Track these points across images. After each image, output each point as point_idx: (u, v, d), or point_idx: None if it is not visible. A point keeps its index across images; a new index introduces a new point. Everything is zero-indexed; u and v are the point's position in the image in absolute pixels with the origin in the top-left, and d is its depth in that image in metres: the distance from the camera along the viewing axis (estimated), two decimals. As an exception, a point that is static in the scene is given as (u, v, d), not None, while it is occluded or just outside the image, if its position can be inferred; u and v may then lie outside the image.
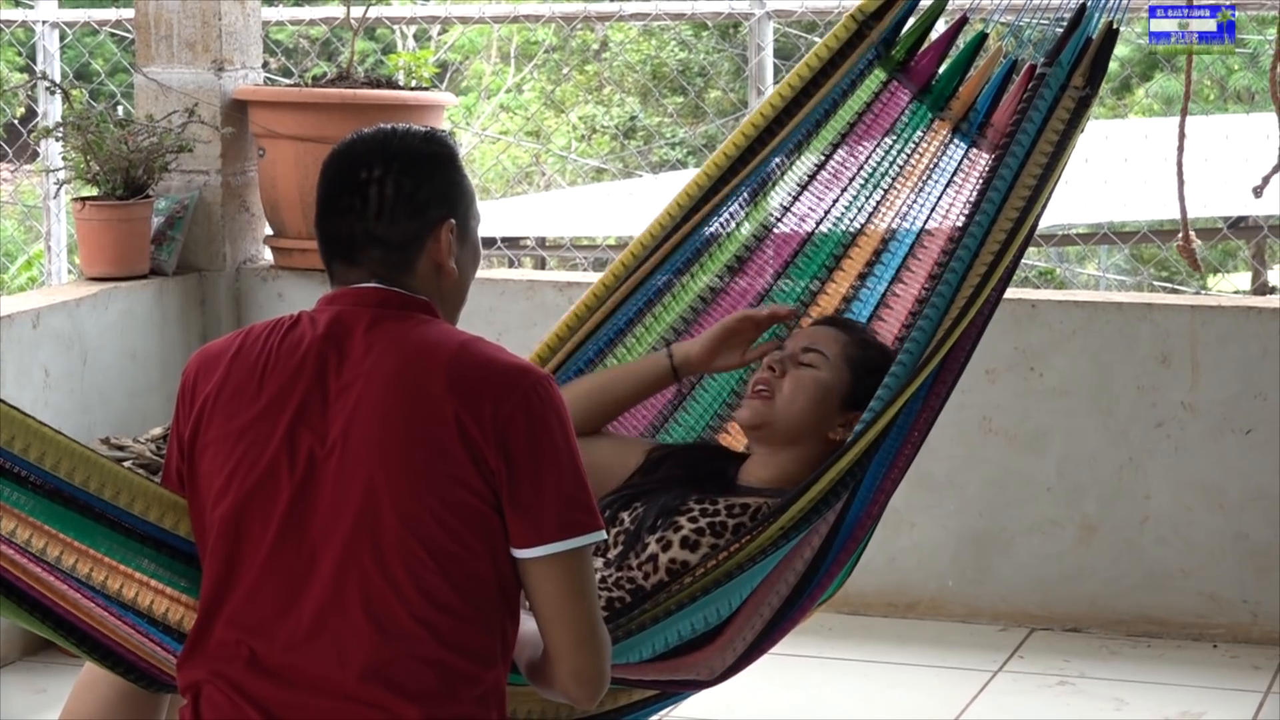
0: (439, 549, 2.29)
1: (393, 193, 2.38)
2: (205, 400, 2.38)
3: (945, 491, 4.76)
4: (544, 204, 9.74)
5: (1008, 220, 2.92)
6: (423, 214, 2.39)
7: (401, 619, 2.28)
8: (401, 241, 2.39)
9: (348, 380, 2.33)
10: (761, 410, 3.00)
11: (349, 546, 2.29)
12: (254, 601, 2.32)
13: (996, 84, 3.16)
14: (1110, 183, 6.36)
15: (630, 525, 2.91)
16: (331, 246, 2.42)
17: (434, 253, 2.41)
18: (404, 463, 2.29)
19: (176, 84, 5.13)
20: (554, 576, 2.31)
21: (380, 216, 2.38)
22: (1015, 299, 4.68)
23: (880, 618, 4.77)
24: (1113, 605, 4.67)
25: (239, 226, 5.24)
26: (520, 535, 2.31)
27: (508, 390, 2.31)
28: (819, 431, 2.99)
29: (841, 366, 3.00)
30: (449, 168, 2.42)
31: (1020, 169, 2.96)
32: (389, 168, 2.38)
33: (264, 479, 2.33)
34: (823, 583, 2.84)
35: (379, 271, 2.39)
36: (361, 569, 2.29)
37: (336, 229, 2.40)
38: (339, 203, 2.40)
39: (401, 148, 2.40)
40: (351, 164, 2.40)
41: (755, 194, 3.25)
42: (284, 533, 2.31)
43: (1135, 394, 4.64)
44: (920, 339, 2.83)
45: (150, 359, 4.94)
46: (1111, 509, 4.67)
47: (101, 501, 2.39)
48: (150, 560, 2.41)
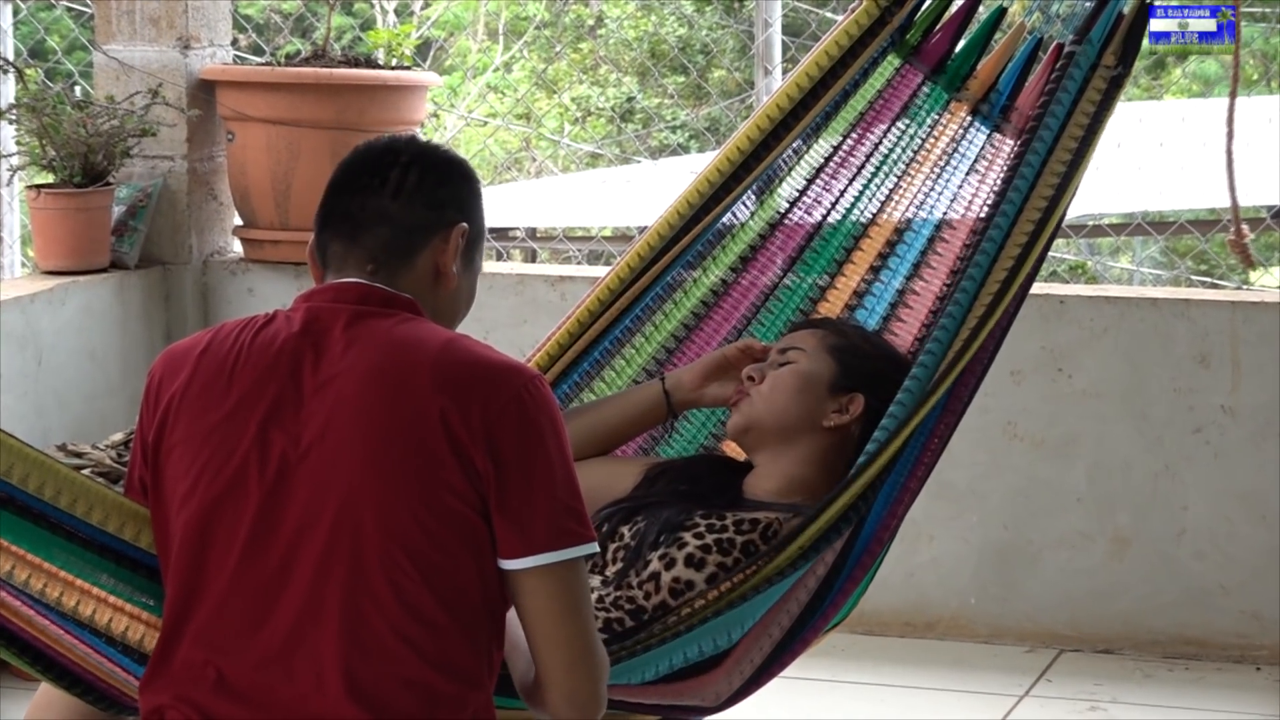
0: (423, 559, 2.29)
1: (415, 180, 2.44)
2: (171, 400, 2.38)
3: (967, 502, 4.76)
4: (535, 192, 9.73)
5: (1035, 210, 2.93)
6: (440, 209, 2.44)
7: (383, 635, 2.28)
8: (411, 226, 2.42)
9: (325, 378, 2.34)
10: (745, 410, 3.01)
11: (325, 556, 2.29)
12: (222, 617, 2.32)
13: (1020, 63, 3.17)
14: (1145, 169, 6.37)
15: (631, 541, 2.92)
16: (335, 223, 2.45)
17: (439, 252, 2.43)
18: (385, 466, 2.30)
19: (139, 63, 5.13)
20: (545, 590, 2.32)
21: (397, 196, 2.43)
22: (1042, 294, 4.69)
23: (897, 638, 4.78)
24: (1148, 625, 4.67)
25: (206, 216, 5.25)
26: (509, 544, 2.32)
27: (497, 390, 2.31)
28: (812, 422, 3.00)
29: (822, 354, 3.02)
30: (474, 184, 2.50)
31: (1048, 155, 2.97)
32: (416, 159, 2.45)
33: (232, 484, 2.33)
34: (835, 602, 2.84)
35: (379, 256, 2.41)
36: (339, 581, 2.29)
37: (346, 205, 2.44)
38: (356, 181, 2.45)
39: (432, 149, 2.49)
40: (379, 152, 2.47)
41: (765, 186, 3.26)
42: (253, 541, 2.32)
43: (1171, 397, 4.65)
44: (943, 338, 2.84)
45: (110, 359, 4.94)
46: (1146, 521, 4.68)
47: (57, 510, 2.39)
48: (109, 575, 2.41)
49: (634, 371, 3.27)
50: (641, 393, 3.14)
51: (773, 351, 3.07)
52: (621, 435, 3.16)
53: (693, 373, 3.11)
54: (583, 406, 3.18)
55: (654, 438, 3.25)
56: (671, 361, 3.27)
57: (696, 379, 3.11)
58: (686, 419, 3.25)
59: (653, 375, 3.23)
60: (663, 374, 3.18)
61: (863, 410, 2.99)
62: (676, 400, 3.12)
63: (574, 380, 3.24)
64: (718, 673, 2.73)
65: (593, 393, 3.26)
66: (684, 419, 3.25)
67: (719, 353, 3.12)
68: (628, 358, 3.27)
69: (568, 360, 3.21)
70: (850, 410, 3.00)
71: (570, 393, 3.24)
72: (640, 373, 3.27)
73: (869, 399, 2.98)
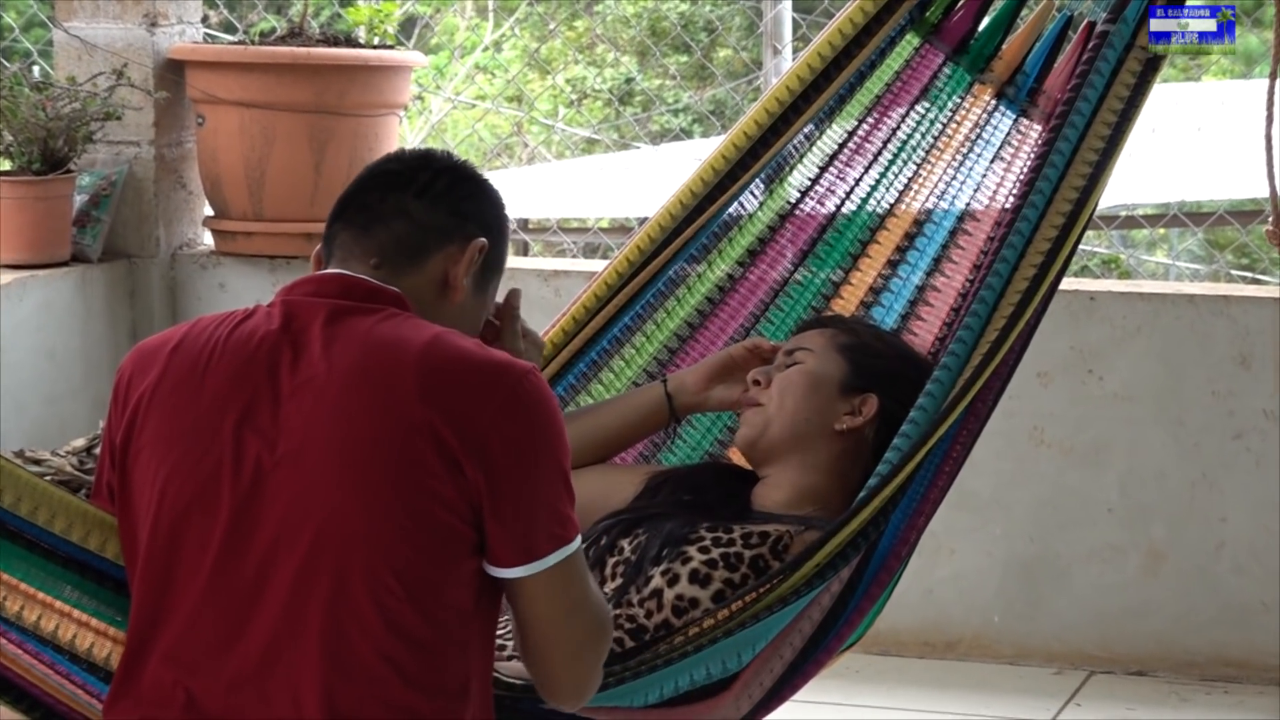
0: (409, 573, 2.30)
1: (445, 186, 2.48)
2: (140, 399, 2.38)
3: (990, 512, 4.76)
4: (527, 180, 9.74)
5: (1065, 202, 2.94)
6: (462, 219, 2.48)
7: (364, 655, 2.29)
8: (429, 226, 2.45)
9: (303, 379, 2.34)
10: (754, 421, 3.01)
11: (304, 570, 2.30)
12: (193, 633, 2.32)
13: (1049, 43, 3.17)
14: (1182, 156, 6.38)
15: (631, 555, 2.91)
16: (350, 213, 2.47)
17: (452, 260, 2.45)
18: (370, 477, 2.30)
19: (102, 41, 5.14)
20: (546, 595, 2.34)
21: (422, 196, 2.47)
22: (1071, 290, 4.70)
23: (915, 659, 4.79)
24: (1184, 644, 4.68)
25: (174, 206, 5.25)
26: (503, 553, 2.33)
27: (489, 389, 2.32)
28: (823, 427, 3.00)
29: (831, 354, 3.03)
30: (501, 206, 2.55)
31: (1079, 142, 2.97)
32: (451, 170, 2.51)
33: (203, 489, 2.33)
34: (850, 621, 2.85)
35: (388, 250, 2.43)
36: (319, 596, 2.29)
37: (365, 197, 2.48)
38: (381, 178, 2.50)
39: (468, 165, 2.54)
40: (409, 160, 2.52)
41: (774, 174, 3.26)
42: (226, 553, 2.32)
43: (1210, 400, 4.65)
44: (967, 339, 2.84)
45: (72, 359, 4.94)
46: (1182, 533, 4.68)
47: (16, 519, 2.39)
48: (73, 587, 2.41)
49: (633, 373, 3.28)
50: (642, 396, 3.14)
51: (780, 353, 3.08)
52: (620, 442, 3.16)
53: (696, 374, 3.12)
54: (578, 411, 3.18)
55: (655, 444, 3.25)
56: (674, 362, 3.27)
57: (701, 381, 3.11)
58: (690, 424, 3.26)
59: (654, 377, 3.23)
60: (664, 376, 3.18)
61: (877, 412, 2.99)
62: (679, 404, 3.12)
63: (569, 383, 3.24)
64: (725, 696, 2.73)
65: (589, 396, 3.26)
66: (688, 424, 3.25)
67: (724, 353, 3.12)
68: (627, 358, 3.27)
69: (561, 361, 3.21)
70: (863, 412, 3.00)
71: (564, 397, 3.24)
72: (640, 374, 3.27)
73: (883, 399, 2.99)
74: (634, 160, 9.03)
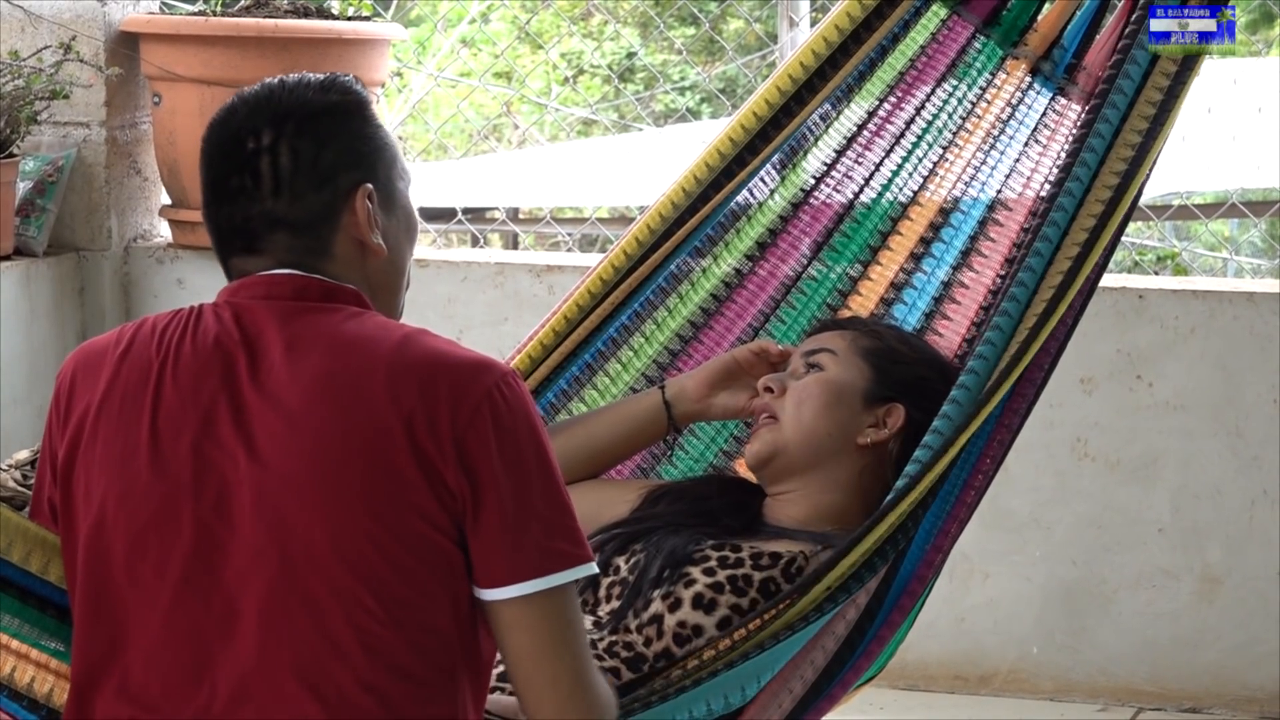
0: (389, 595, 2.30)
1: (289, 162, 2.42)
2: (86, 410, 2.39)
3: (1029, 533, 4.77)
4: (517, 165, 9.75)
5: (1105, 188, 2.95)
6: (331, 182, 2.42)
7: (345, 686, 2.30)
8: (309, 220, 2.42)
9: (264, 387, 2.35)
10: (767, 438, 3.01)
11: (275, 596, 2.30)
12: (151, 669, 2.33)
13: (1089, 16, 3.18)
14: (1240, 139, 6.39)
15: (629, 575, 2.91)
16: (226, 239, 2.44)
17: (352, 228, 2.43)
18: (342, 490, 2.31)
19: (48, 12, 5.15)
20: (528, 625, 2.34)
21: (279, 193, 2.41)
22: (1117, 287, 4.71)
23: (946, 693, 4.79)
24: (1241, 679, 4.69)
25: (128, 194, 5.26)
26: (487, 572, 2.33)
27: (466, 391, 2.32)
28: (845, 441, 3.01)
29: (853, 359, 3.03)
30: (357, 120, 2.45)
31: (1121, 123, 2.99)
32: (280, 131, 2.42)
33: (161, 511, 2.34)
34: (869, 651, 2.85)
35: (288, 260, 2.41)
36: (292, 624, 2.30)
37: (229, 217, 2.43)
38: (226, 185, 2.43)
39: (293, 104, 2.44)
40: (234, 133, 2.44)
41: (787, 158, 3.27)
42: (189, 579, 2.32)
43: (1271, 410, 4.66)
44: (996, 340, 2.85)
45: (15, 362, 4.95)
46: (1240, 556, 4.69)
47: (-52, 540, 2.40)
48: (12, 615, 2.42)
49: (631, 378, 3.29)
50: (639, 403, 3.15)
51: (795, 356, 3.08)
52: (616, 453, 3.17)
53: (697, 379, 3.12)
54: (570, 420, 3.19)
55: (654, 456, 3.26)
56: (675, 366, 3.28)
57: (702, 387, 3.12)
58: (692, 434, 3.27)
59: (653, 382, 3.24)
60: (664, 381, 3.19)
61: (903, 424, 3.00)
62: (679, 411, 3.13)
63: (560, 388, 3.25)
64: (733, 732, 2.74)
65: (582, 403, 3.27)
66: (689, 434, 3.26)
67: (728, 355, 3.13)
68: (624, 361, 3.28)
69: (552, 364, 3.22)
70: (888, 424, 3.01)
71: (556, 403, 3.26)
72: (638, 379, 3.28)
73: (909, 410, 2.99)
74: (635, 143, 9.04)
